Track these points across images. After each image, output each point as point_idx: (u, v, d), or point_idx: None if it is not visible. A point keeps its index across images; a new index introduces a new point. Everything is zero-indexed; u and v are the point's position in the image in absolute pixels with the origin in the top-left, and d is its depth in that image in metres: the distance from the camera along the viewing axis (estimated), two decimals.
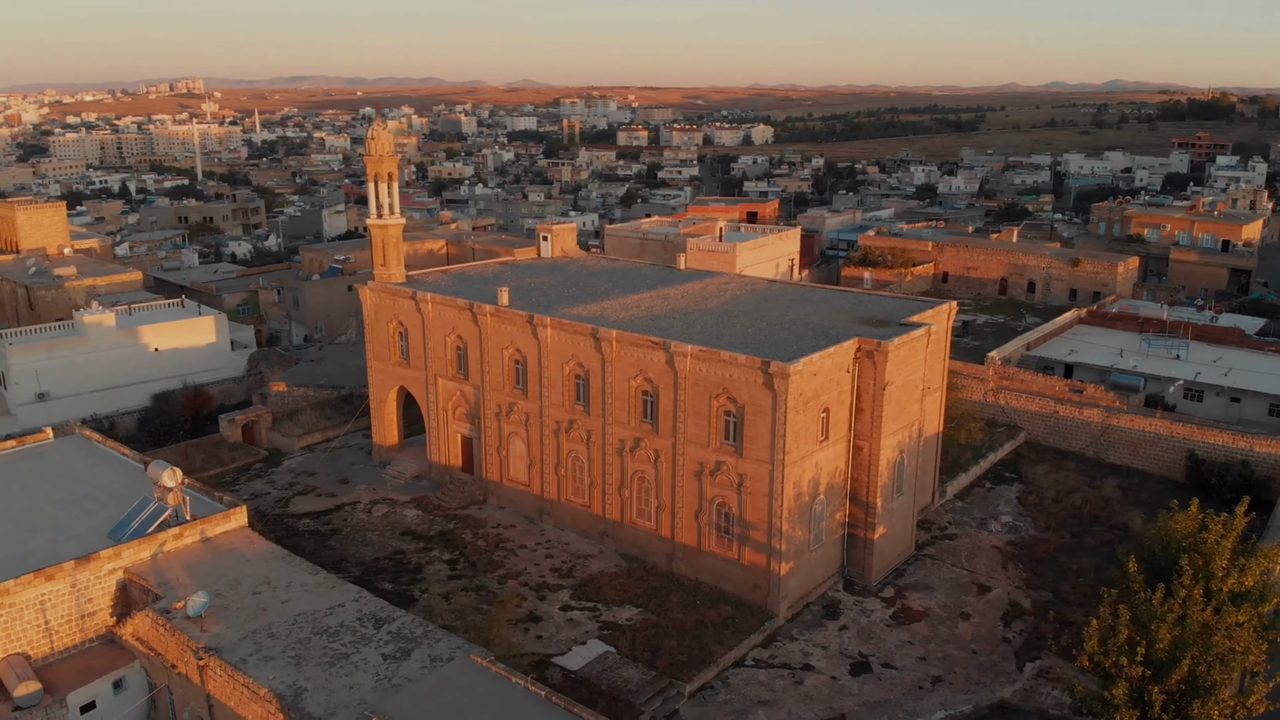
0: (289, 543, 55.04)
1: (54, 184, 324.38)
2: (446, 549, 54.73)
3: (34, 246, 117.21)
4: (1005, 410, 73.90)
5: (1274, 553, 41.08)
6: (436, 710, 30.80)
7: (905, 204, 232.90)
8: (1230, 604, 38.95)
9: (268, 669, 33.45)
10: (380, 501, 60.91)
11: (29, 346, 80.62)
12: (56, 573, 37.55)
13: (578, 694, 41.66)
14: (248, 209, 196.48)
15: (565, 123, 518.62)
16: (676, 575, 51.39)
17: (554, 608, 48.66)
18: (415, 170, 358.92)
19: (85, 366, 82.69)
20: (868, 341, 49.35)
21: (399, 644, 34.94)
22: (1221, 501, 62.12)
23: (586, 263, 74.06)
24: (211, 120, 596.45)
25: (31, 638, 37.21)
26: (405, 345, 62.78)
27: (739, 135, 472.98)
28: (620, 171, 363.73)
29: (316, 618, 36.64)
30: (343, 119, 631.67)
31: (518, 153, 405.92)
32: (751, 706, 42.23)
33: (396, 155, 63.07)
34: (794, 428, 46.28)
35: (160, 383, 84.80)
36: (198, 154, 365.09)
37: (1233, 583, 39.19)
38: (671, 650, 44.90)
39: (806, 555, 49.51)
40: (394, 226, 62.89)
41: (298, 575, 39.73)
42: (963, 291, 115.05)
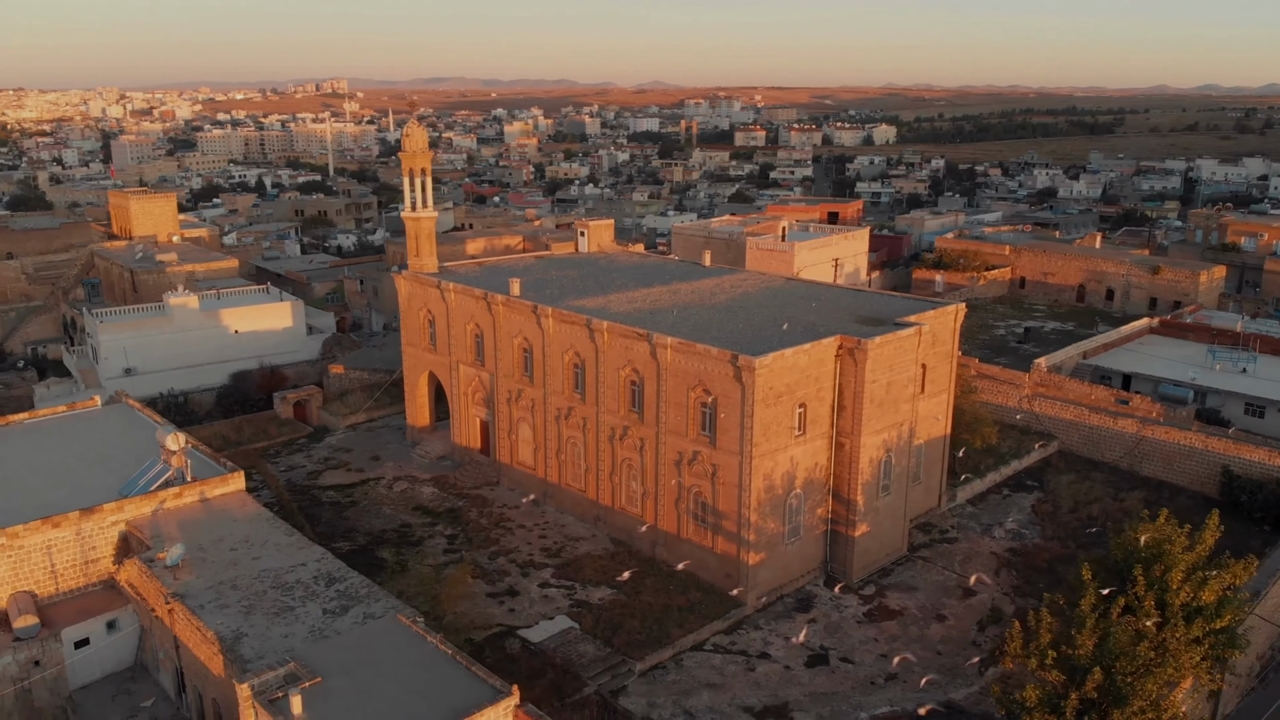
0: (310, 511, 59.37)
1: (196, 177, 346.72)
2: (451, 525, 57.74)
3: (145, 234, 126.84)
4: (1039, 418, 72.28)
5: (1239, 569, 39.84)
6: (349, 659, 33.44)
7: (1015, 207, 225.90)
8: (1182, 617, 38.21)
9: (220, 615, 36.81)
10: (403, 478, 64.49)
11: (118, 325, 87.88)
12: (63, 521, 42.01)
13: (531, 664, 43.92)
14: (360, 204, 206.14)
15: (683, 124, 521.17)
16: (658, 561, 52.95)
17: (533, 584, 50.98)
18: (534, 170, 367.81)
19: (170, 345, 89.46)
20: (849, 339, 49.74)
21: (341, 601, 37.83)
22: (1251, 520, 59.95)
23: (617, 258, 76.08)
24: (350, 119, 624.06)
25: (38, 578, 41.75)
26: (433, 332, 66.20)
27: (859, 135, 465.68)
28: (732, 172, 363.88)
29: (278, 574, 39.91)
30: (474, 119, 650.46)
31: (633, 153, 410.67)
32: (698, 688, 43.50)
33: (430, 152, 66.48)
34: (763, 420, 47.21)
35: (239, 362, 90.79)
36: (330, 151, 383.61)
37: (1185, 595, 38.34)
38: (632, 630, 46.57)
39: (781, 547, 50.30)
40: (426, 219, 66.36)
41: (275, 536, 43.18)
42: (1039, 297, 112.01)
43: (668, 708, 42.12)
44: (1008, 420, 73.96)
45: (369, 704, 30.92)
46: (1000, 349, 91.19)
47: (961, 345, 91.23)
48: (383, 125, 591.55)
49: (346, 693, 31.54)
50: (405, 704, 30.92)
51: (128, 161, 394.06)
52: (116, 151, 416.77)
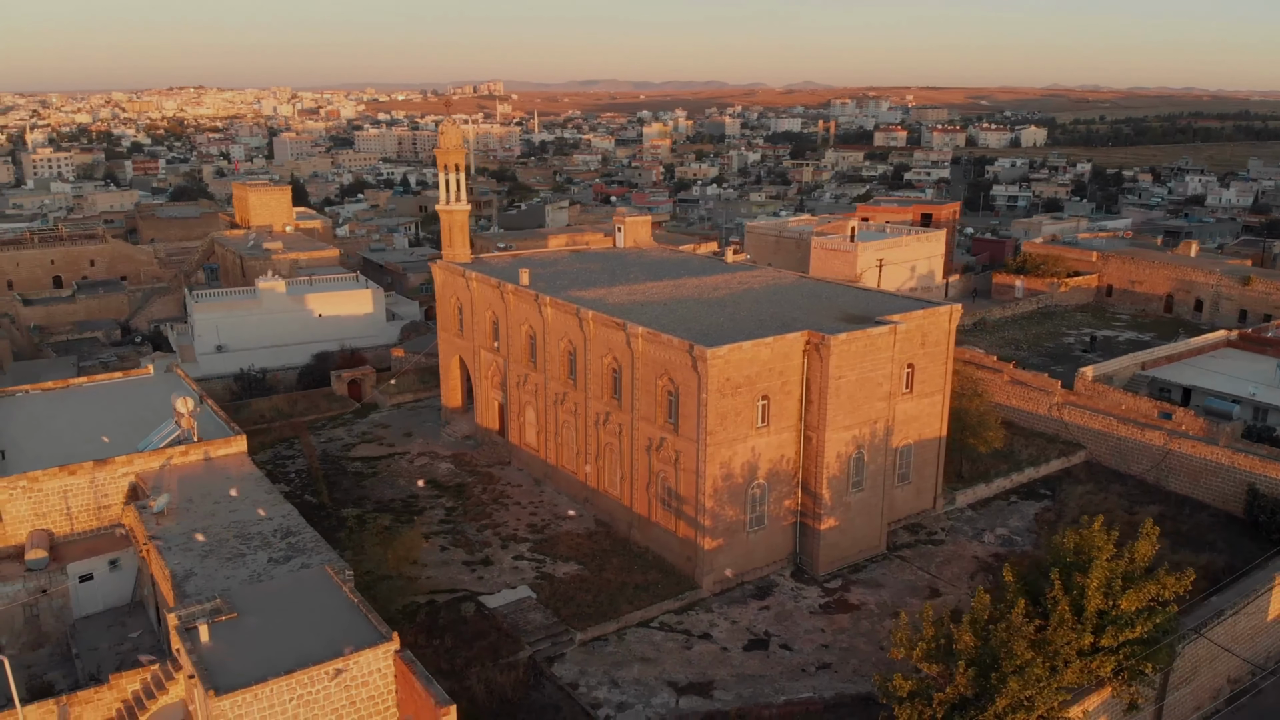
0: (333, 478, 64.32)
1: (347, 174, 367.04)
2: (454, 498, 61.50)
3: (262, 223, 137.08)
4: (1069, 427, 70.40)
5: (1170, 582, 38.96)
6: (270, 600, 37.25)
7: (1149, 214, 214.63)
8: (1096, 626, 37.85)
9: (181, 556, 41.40)
10: (425, 454, 68.78)
11: (211, 305, 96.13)
12: (79, 469, 47.77)
13: (479, 626, 46.99)
14: (480, 201, 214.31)
15: (821, 124, 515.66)
16: (631, 542, 55.11)
17: (508, 556, 54.06)
18: (663, 171, 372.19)
19: (258, 325, 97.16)
20: (815, 335, 50.58)
21: (288, 552, 41.83)
22: (1270, 540, 57.16)
23: (647, 253, 78.30)
24: (500, 121, 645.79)
25: (55, 519, 47.60)
26: (461, 319, 70.23)
27: (1006, 138, 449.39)
28: (865, 173, 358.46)
29: (246, 525, 44.33)
30: (619, 121, 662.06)
31: (765, 153, 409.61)
32: (631, 661, 45.51)
33: (464, 149, 70.55)
34: (720, 410, 48.73)
35: (321, 344, 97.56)
36: (470, 151, 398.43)
37: (1099, 602, 37.94)
38: (583, 603, 48.98)
39: (742, 535, 51.63)
40: (459, 212, 70.43)
41: (257, 494, 47.74)
42: (1126, 306, 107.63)
43: (596, 676, 44.35)
44: (1038, 428, 72.37)
45: (269, 638, 34.57)
46: (1062, 357, 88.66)
47: (1022, 351, 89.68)
48: (529, 127, 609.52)
49: (255, 628, 35.33)
50: (300, 640, 34.41)
51: (287, 157, 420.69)
52: (278, 148, 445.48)
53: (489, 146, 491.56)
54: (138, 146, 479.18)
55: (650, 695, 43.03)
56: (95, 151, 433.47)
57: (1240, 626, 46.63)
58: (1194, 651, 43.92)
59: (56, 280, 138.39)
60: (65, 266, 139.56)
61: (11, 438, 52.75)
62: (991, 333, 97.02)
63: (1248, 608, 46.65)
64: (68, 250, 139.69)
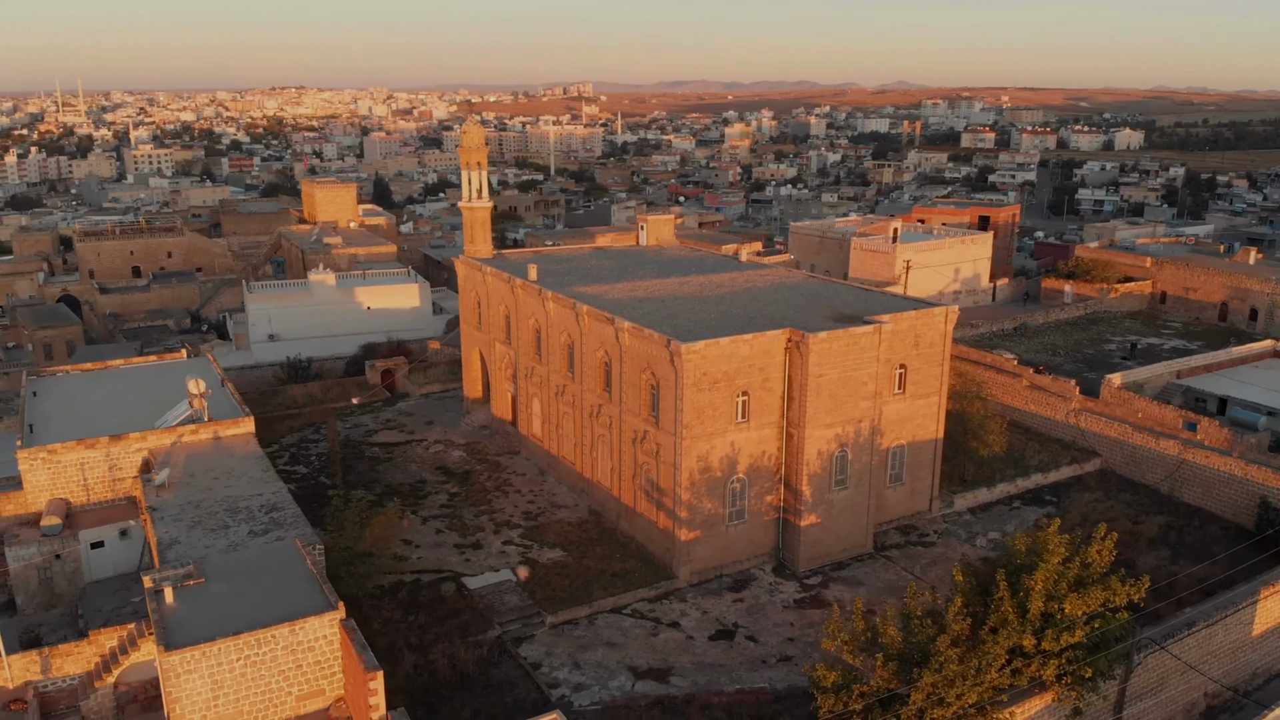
0: (350, 462, 67.18)
1: (431, 173, 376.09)
2: (459, 485, 63.73)
3: (328, 219, 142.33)
4: (1085, 434, 69.19)
5: (1120, 587, 38.63)
6: (240, 569, 39.70)
7: (1233, 220, 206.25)
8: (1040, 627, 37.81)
9: (171, 526, 44.28)
10: (441, 442, 71.24)
11: (264, 296, 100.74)
12: (95, 443, 51.24)
13: (455, 605, 48.99)
14: (548, 200, 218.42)
15: (906, 124, 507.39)
16: (618, 532, 56.47)
17: (498, 541, 55.95)
18: (741, 171, 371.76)
19: (309, 316, 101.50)
20: (795, 333, 51.17)
21: (269, 526, 44.35)
22: (1276, 558, 55.53)
23: (665, 251, 79.41)
24: (585, 122, 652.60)
25: (72, 489, 51.15)
26: (480, 313, 72.49)
27: (1098, 140, 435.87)
28: (948, 174, 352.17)
29: (236, 500, 47.07)
30: (703, 122, 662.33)
31: (845, 154, 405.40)
32: (596, 645, 46.87)
33: (486, 148, 72.80)
34: (696, 404, 49.75)
35: (369, 336, 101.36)
36: (551, 152, 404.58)
37: (1040, 605, 37.87)
38: (559, 588, 50.55)
39: (720, 528, 52.51)
40: (481, 209, 72.71)
41: (254, 471, 50.52)
42: (1179, 314, 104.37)
43: (561, 658, 45.84)
44: (1055, 434, 71.27)
45: (229, 603, 36.96)
46: (1100, 364, 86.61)
47: (1058, 357, 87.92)
48: (613, 128, 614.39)
49: (218, 592, 37.80)
50: (256, 605, 36.71)
51: (377, 156, 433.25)
52: (369, 147, 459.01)
53: (571, 147, 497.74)
54: (236, 144, 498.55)
55: (609, 678, 44.33)
56: (195, 149, 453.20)
57: (1218, 641, 45.61)
58: (1160, 663, 43.24)
59: (135, 270, 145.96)
60: (144, 257, 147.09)
61: (44, 413, 56.73)
62: (1032, 338, 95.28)
63: (1227, 621, 45.58)
64: (146, 242, 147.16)
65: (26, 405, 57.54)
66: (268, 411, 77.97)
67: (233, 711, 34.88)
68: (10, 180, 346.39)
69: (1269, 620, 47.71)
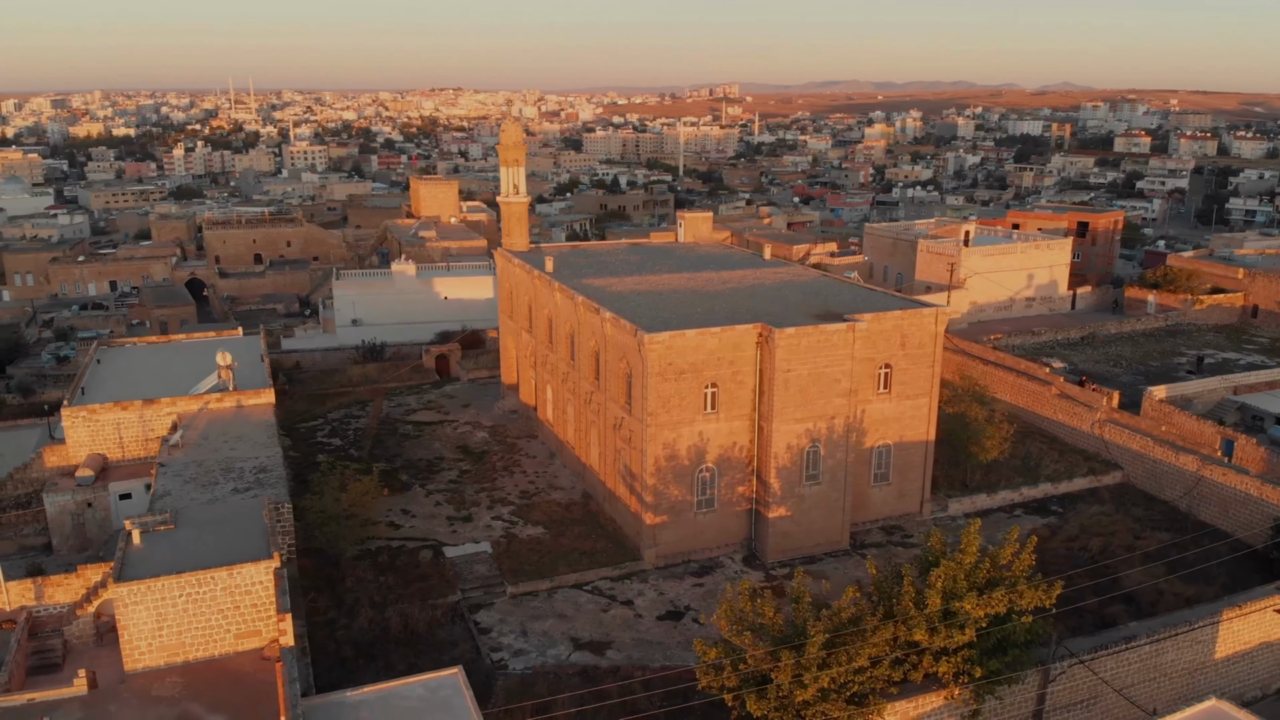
0: (382, 437, 71.90)
1: (565, 173, 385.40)
2: (472, 463, 67.38)
3: (431, 214, 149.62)
4: (1108, 446, 66.99)
5: (1028, 591, 38.42)
6: (209, 519, 44.13)
7: None
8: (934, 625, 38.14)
9: (171, 480, 49.35)
10: (470, 423, 75.17)
11: (349, 283, 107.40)
12: (130, 406, 57.25)
13: (427, 570, 52.43)
14: (657, 200, 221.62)
15: (1055, 127, 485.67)
16: (601, 515, 58.79)
17: (488, 516, 59.20)
18: (873, 173, 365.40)
19: (390, 303, 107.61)
20: (765, 328, 52.24)
21: (251, 485, 48.77)
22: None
23: (697, 248, 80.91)
24: (725, 123, 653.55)
25: (108, 446, 57.26)
26: (511, 303, 76.02)
27: (1262, 147, 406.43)
28: (1092, 179, 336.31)
29: (235, 461, 51.88)
30: (846, 122, 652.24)
31: (986, 156, 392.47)
32: (547, 617, 49.36)
33: (523, 146, 76.16)
34: (662, 393, 51.57)
35: (445, 323, 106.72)
36: (680, 152, 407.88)
37: (937, 601, 38.16)
38: (528, 560, 53.34)
39: (688, 515, 54.10)
40: (517, 204, 76.23)
41: (260, 437, 55.34)
42: (1270, 329, 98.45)
43: (511, 626, 48.58)
44: (1080, 445, 69.29)
45: (187, 546, 41.38)
46: (1161, 377, 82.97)
47: (1118, 368, 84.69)
48: (752, 129, 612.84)
49: (181, 538, 42.32)
50: (208, 549, 40.97)
51: None
52: None
53: (705, 148, 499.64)
54: (390, 143, 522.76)
55: (549, 647, 46.77)
56: (350, 146, 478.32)
57: (1167, 659, 44.22)
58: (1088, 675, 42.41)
59: (257, 257, 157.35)
60: (265, 246, 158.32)
61: (100, 379, 63.48)
62: (1098, 348, 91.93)
63: (1178, 640, 44.14)
64: (267, 232, 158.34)
65: (87, 371, 64.45)
66: (324, 388, 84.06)
67: (175, 642, 39.17)
68: (177, 172, 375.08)
69: (1236, 644, 45.82)
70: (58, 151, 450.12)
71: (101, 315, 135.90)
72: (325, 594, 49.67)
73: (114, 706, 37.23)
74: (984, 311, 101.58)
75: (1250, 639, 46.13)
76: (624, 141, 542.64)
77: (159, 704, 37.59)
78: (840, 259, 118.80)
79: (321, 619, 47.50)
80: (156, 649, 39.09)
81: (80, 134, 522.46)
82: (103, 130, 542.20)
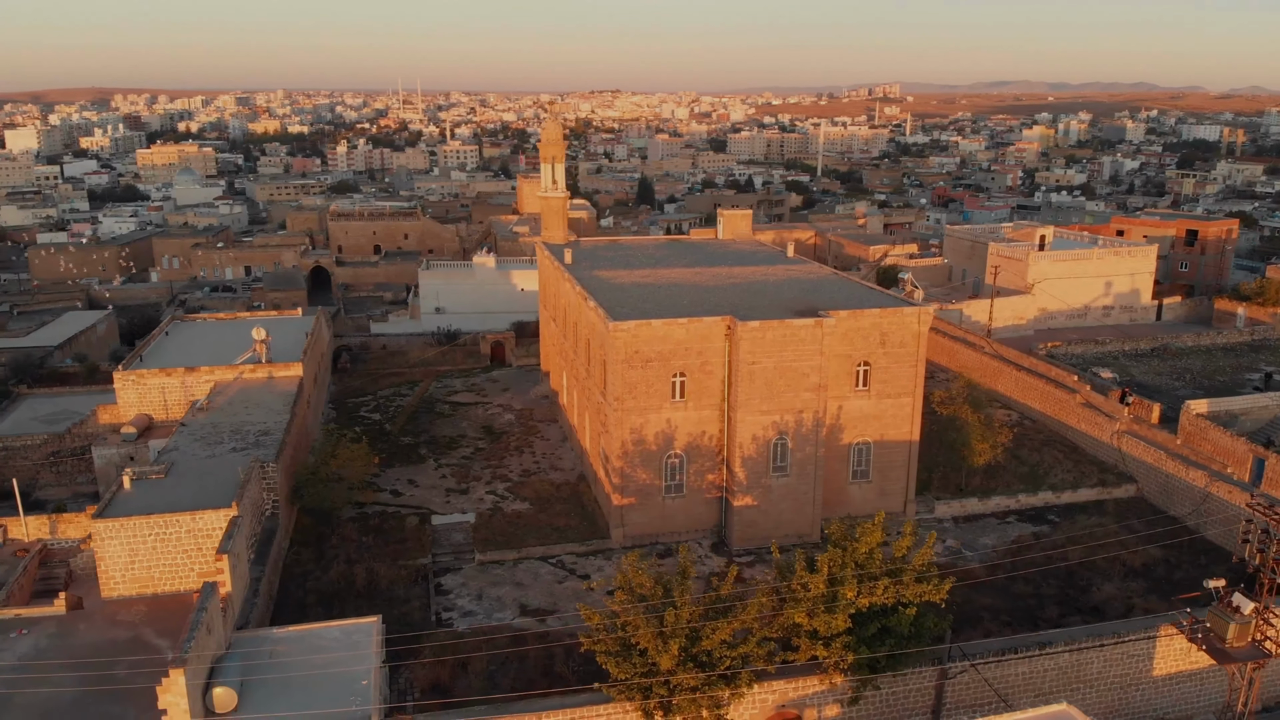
0: (418, 414, 76.81)
1: (700, 173, 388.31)
2: (490, 441, 71.28)
3: (532, 211, 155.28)
4: (1126, 457, 64.69)
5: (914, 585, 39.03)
6: (200, 470, 49.51)
7: None
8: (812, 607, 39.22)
9: (184, 439, 55.13)
10: (502, 406, 79.20)
11: (433, 274, 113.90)
12: (173, 373, 63.87)
13: (409, 533, 56.42)
14: (773, 200, 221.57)
15: (1225, 132, 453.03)
16: (584, 494, 61.46)
17: (483, 490, 62.88)
18: (1022, 176, 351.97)
19: (470, 293, 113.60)
20: (731, 320, 53.70)
21: (249, 446, 53.88)
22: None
23: (731, 244, 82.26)
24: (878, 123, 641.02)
25: (154, 408, 63.99)
26: (546, 292, 79.59)
27: None
28: (1259, 188, 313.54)
29: (245, 424, 57.35)
30: (1009, 123, 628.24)
31: (1146, 161, 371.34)
32: (505, 584, 52.48)
33: (563, 143, 79.60)
34: (628, 380, 53.86)
35: (521, 314, 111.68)
36: (819, 153, 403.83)
37: (821, 587, 39.19)
38: (502, 532, 56.67)
39: (657, 499, 56.14)
40: (555, 199, 79.75)
41: (277, 405, 60.72)
42: None
43: (470, 590, 51.96)
44: (1101, 455, 67.13)
45: (168, 493, 46.78)
46: (1223, 392, 78.92)
47: (1179, 381, 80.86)
48: (906, 129, 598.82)
49: (166, 485, 47.82)
50: (185, 497, 46.24)
51: (658, 157, 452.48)
52: (652, 149, 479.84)
53: (850, 148, 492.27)
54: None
55: (496, 610, 49.92)
56: (503, 146, 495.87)
57: (1092, 670, 43.33)
58: (997, 677, 42.19)
59: (376, 248, 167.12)
60: (384, 237, 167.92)
61: (164, 349, 70.80)
62: (1167, 360, 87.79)
63: (1105, 652, 43.19)
64: (387, 224, 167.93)
65: (154, 341, 71.92)
66: (384, 369, 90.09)
67: (145, 575, 44.52)
68: (340, 168, 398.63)
69: (1177, 663, 44.33)
70: (236, 146, 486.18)
71: (230, 297, 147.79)
72: (311, 548, 54.46)
73: (83, 626, 42.76)
74: (1054, 319, 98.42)
75: (1191, 661, 44.51)
76: (768, 142, 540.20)
77: (120, 627, 42.90)
78: (918, 260, 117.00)
79: (299, 569, 52.25)
80: (129, 580, 44.51)
81: (258, 130, 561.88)
82: (279, 127, 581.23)
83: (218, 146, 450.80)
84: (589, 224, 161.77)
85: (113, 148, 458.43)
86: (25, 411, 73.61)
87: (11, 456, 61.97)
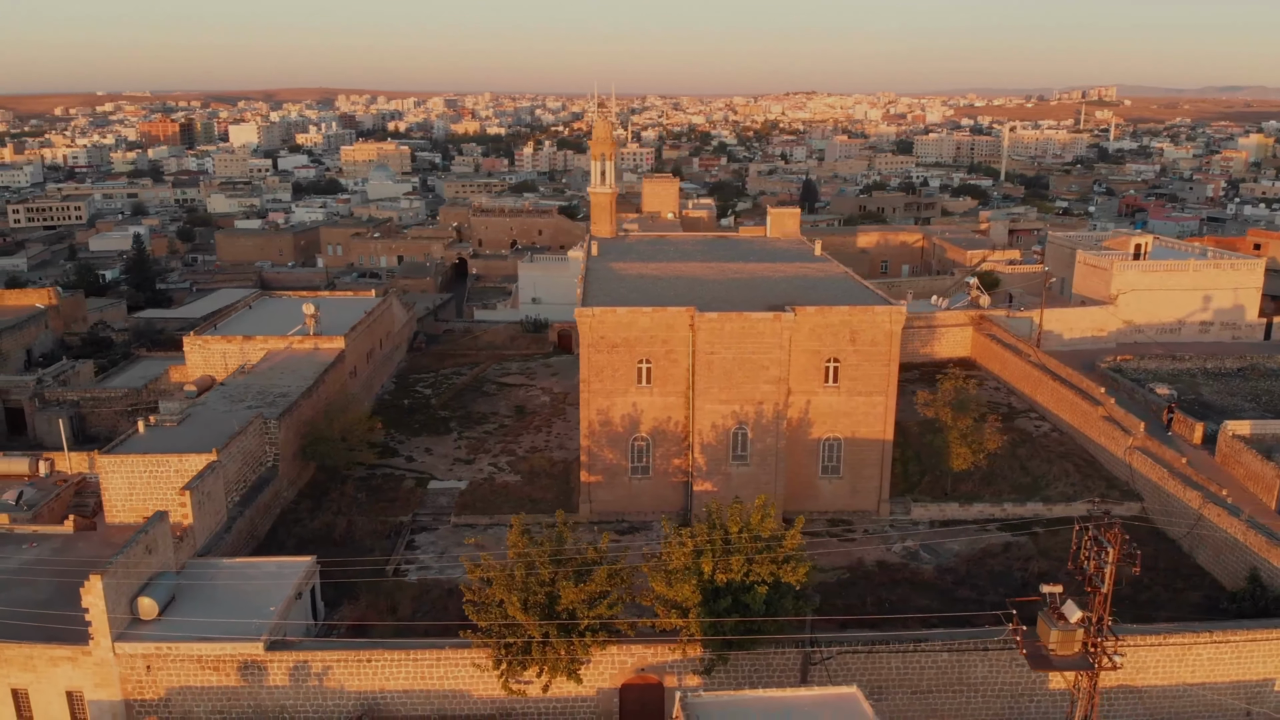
0: (464, 391, 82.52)
1: (875, 174, 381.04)
2: (516, 420, 75.88)
3: (652, 209, 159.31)
4: (1135, 474, 61.81)
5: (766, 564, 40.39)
6: (209, 421, 56.54)
7: None
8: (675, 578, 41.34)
9: (215, 396, 62.63)
10: (541, 389, 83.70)
11: (531, 266, 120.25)
12: (232, 340, 72.13)
13: (399, 495, 61.76)
14: (922, 203, 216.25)
15: None
16: (572, 473, 64.74)
17: (486, 461, 67.49)
18: (1225, 186, 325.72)
19: (565, 284, 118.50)
20: (694, 311, 55.80)
21: (263, 406, 60.49)
22: None
23: (771, 242, 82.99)
24: (1089, 126, 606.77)
25: (217, 370, 72.16)
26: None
27: None
28: None
29: (270, 388, 64.28)
30: (1231, 130, 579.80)
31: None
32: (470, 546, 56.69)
33: (613, 141, 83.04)
34: (595, 363, 57.03)
35: None
36: (1003, 156, 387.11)
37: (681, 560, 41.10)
38: (483, 499, 61.05)
39: (624, 479, 58.94)
40: (604, 195, 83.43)
41: (308, 372, 67.38)
42: None
43: (437, 548, 56.61)
44: (1115, 471, 64.31)
45: (174, 439, 53.98)
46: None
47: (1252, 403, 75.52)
48: (1111, 134, 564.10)
49: (175, 433, 55.12)
50: (187, 442, 53.27)
51: (835, 159, 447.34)
52: (829, 150, 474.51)
53: (1045, 153, 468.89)
54: (723, 146, 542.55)
55: (450, 568, 54.25)
56: (682, 149, 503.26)
57: (976, 673, 42.87)
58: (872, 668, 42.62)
59: (513, 243, 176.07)
60: (520, 233, 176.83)
61: (240, 320, 79.70)
62: (1250, 381, 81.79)
63: (994, 656, 42.64)
64: (523, 221, 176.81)
65: (235, 313, 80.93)
66: (454, 350, 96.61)
67: (141, 506, 51.70)
68: (525, 169, 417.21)
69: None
70: (436, 145, 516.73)
71: (373, 283, 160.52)
72: (312, 500, 60.73)
73: (82, 544, 50.29)
74: (1142, 332, 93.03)
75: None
76: (958, 144, 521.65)
77: (113, 547, 50.01)
78: (1017, 267, 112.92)
79: (293, 517, 58.54)
80: (128, 509, 51.82)
81: (460, 130, 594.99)
82: (479, 128, 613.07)
83: (420, 146, 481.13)
84: (708, 223, 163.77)
85: (325, 144, 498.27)
86: (137, 371, 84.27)
87: (98, 406, 71.82)
